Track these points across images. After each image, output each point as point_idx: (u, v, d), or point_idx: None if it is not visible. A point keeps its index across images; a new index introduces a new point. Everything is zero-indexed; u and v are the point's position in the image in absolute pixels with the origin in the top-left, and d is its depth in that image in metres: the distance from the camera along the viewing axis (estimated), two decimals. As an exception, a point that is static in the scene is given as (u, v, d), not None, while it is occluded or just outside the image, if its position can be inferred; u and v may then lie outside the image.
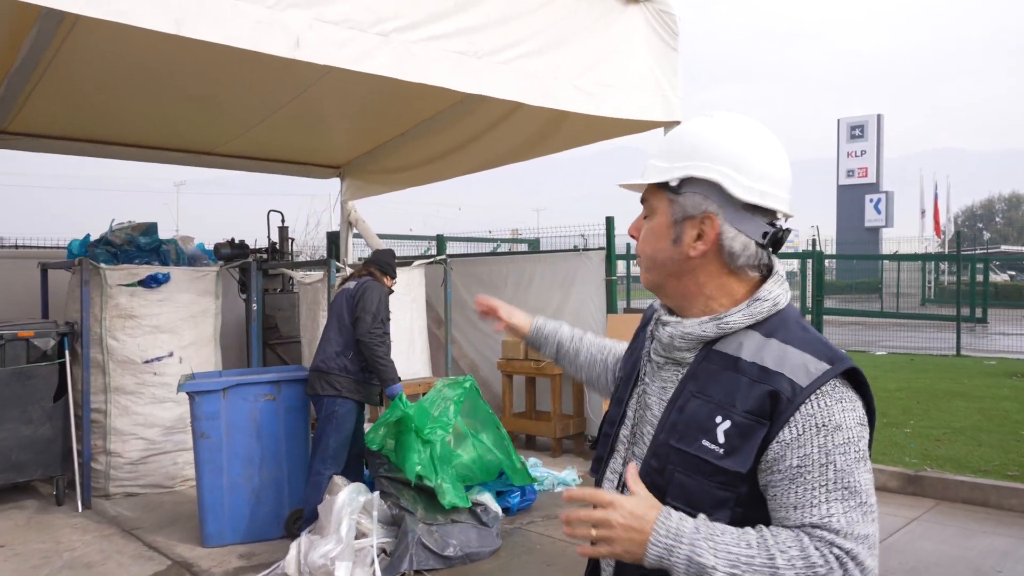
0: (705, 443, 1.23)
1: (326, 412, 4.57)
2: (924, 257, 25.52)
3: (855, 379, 1.24)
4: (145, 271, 5.77)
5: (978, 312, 19.54)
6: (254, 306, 6.46)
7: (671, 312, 1.38)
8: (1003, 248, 42.61)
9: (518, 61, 4.97)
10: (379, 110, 7.43)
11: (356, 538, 4.20)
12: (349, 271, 6.54)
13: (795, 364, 1.22)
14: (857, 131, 41.54)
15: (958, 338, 13.50)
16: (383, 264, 5.11)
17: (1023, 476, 5.35)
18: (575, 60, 5.28)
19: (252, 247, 8.30)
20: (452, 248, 12.47)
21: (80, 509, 5.29)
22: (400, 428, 4.60)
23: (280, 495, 4.64)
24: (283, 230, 8.44)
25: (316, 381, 4.62)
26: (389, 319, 4.86)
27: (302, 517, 4.65)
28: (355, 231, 9.28)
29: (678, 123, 5.80)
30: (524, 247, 12.91)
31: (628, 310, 7.71)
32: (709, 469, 1.23)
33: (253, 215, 8.30)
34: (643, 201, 1.36)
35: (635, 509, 1.19)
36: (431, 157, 7.95)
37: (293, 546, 4.15)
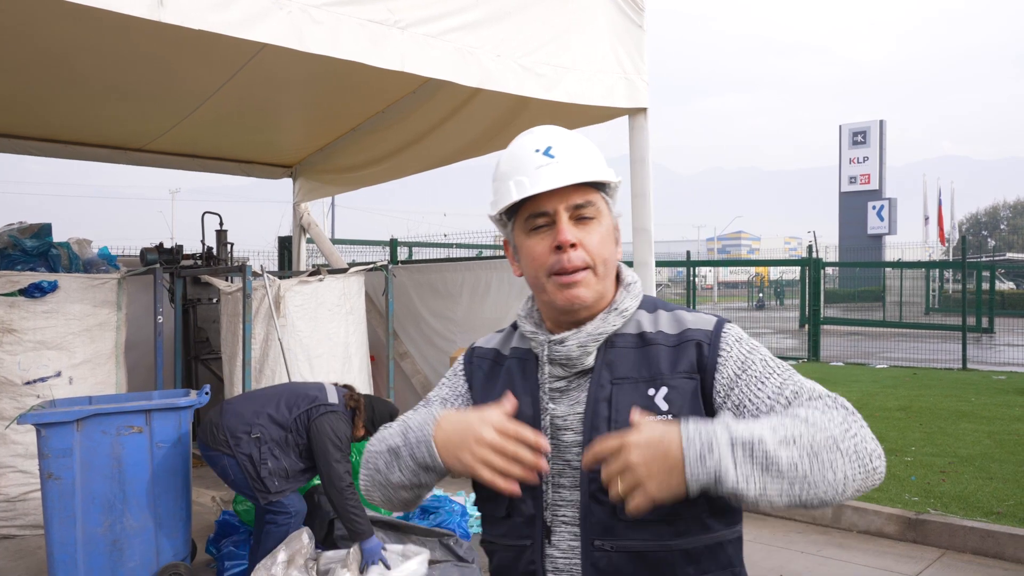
0: (649, 418, 1.19)
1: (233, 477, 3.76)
2: (927, 265, 24.71)
3: (731, 327, 1.36)
4: (27, 279, 5.01)
5: (984, 322, 18.72)
6: (159, 318, 5.70)
7: (545, 330, 1.37)
8: (1008, 255, 41.79)
9: (452, 34, 4.23)
10: (327, 102, 6.75)
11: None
12: (272, 279, 5.80)
13: (693, 322, 1.34)
14: (859, 137, 40.84)
15: (964, 350, 12.66)
16: (378, 415, 3.99)
17: (1043, 520, 4.55)
18: (523, 36, 4.55)
19: (188, 253, 7.60)
20: (420, 254, 11.73)
21: (-63, 557, 4.53)
22: None
23: (149, 547, 3.85)
24: (221, 234, 7.69)
25: (219, 438, 3.74)
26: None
27: (177, 573, 3.89)
28: (308, 236, 8.59)
29: (644, 110, 5.10)
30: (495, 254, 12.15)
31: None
32: None
33: (252, 220, 7.59)
34: (580, 207, 1.31)
35: (650, 436, 1.11)
36: (386, 153, 7.28)
37: None
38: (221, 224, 7.76)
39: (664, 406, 1.26)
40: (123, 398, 4.36)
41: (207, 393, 4.08)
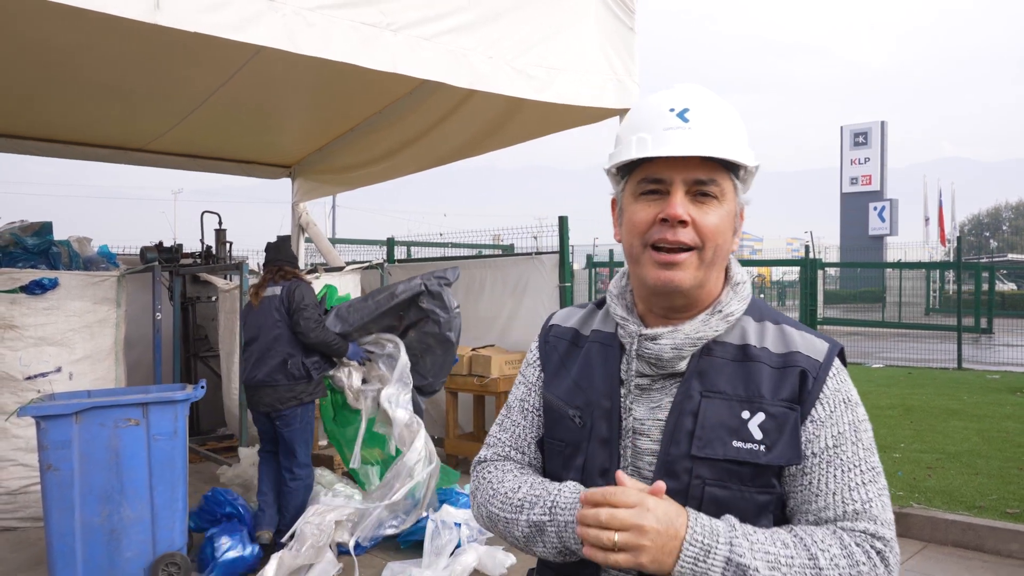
0: (737, 444, 1.13)
1: (299, 423, 4.53)
2: (926, 265, 24.77)
3: (842, 355, 1.24)
4: (28, 275, 5.10)
5: (983, 322, 18.78)
6: (158, 315, 5.79)
7: (640, 321, 1.25)
8: (1009, 256, 41.78)
9: (444, 37, 4.32)
10: (325, 103, 6.85)
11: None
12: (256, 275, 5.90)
13: (802, 343, 1.20)
14: (860, 138, 40.84)
15: (959, 350, 12.74)
16: (294, 260, 5.00)
17: (1025, 513, 4.63)
18: (514, 38, 4.65)
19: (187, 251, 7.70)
20: (418, 253, 11.82)
21: (-61, 547, 4.63)
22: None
23: (146, 537, 3.94)
24: (220, 233, 7.79)
25: (267, 397, 4.52)
26: None
27: (174, 563, 3.98)
28: (306, 235, 8.67)
29: (635, 111, 5.18)
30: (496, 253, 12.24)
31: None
32: (749, 473, 1.14)
33: (255, 220, 7.61)
34: (702, 183, 1.17)
35: (668, 511, 1.07)
36: (384, 153, 7.38)
37: (273, 560, 3.90)
38: (220, 223, 7.87)
39: (758, 435, 1.14)
40: (120, 392, 4.46)
41: (203, 387, 4.17)
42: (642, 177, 1.19)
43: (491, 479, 1.32)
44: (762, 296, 29.97)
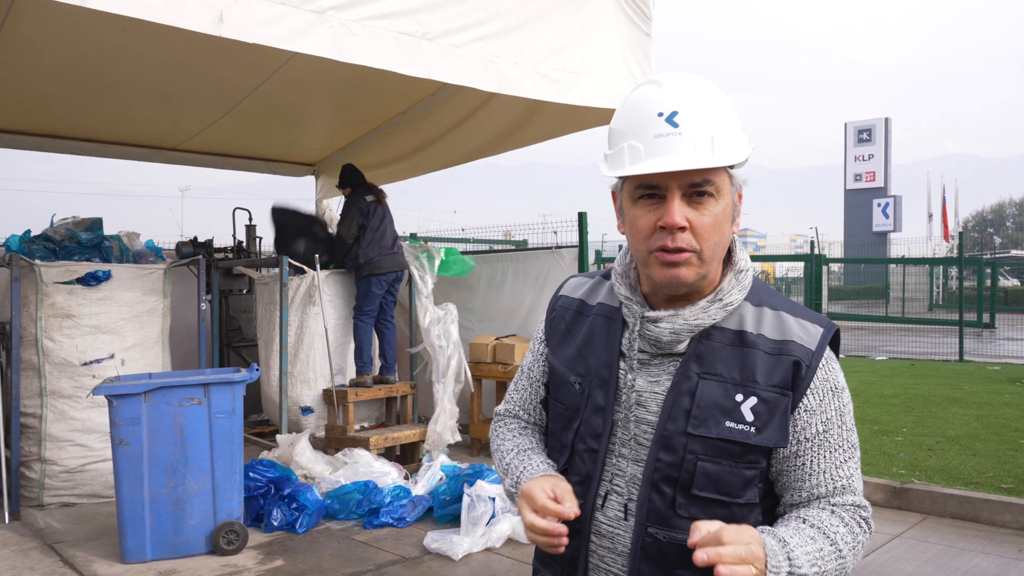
0: (730, 424, 1.20)
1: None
2: (928, 261, 25.06)
3: (835, 338, 1.30)
4: (84, 268, 5.44)
5: (985, 317, 19.08)
6: (203, 306, 6.14)
7: (644, 299, 1.30)
8: (1012, 253, 41.96)
9: (475, 44, 4.66)
10: (351, 104, 7.18)
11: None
12: (307, 269, 6.24)
13: (797, 331, 1.25)
14: (864, 135, 41.04)
15: (960, 342, 13.06)
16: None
17: (1018, 489, 4.95)
18: (538, 44, 4.98)
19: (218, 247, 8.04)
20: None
21: (7, 520, 4.96)
22: None
23: (208, 507, 4.29)
24: (250, 228, 8.13)
25: (393, 265, 6.37)
26: None
27: (232, 530, 4.33)
28: (331, 230, 9.00)
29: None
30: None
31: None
32: (739, 451, 1.21)
33: (260, 218, 7.85)
34: (696, 184, 1.19)
35: (754, 536, 1.12)
36: (406, 152, 7.71)
37: None
38: (250, 219, 8.20)
39: (750, 417, 1.21)
40: (181, 374, 4.80)
41: (257, 370, 4.51)
42: (638, 183, 1.21)
43: (499, 433, 1.53)
44: (766, 292, 30.16)
